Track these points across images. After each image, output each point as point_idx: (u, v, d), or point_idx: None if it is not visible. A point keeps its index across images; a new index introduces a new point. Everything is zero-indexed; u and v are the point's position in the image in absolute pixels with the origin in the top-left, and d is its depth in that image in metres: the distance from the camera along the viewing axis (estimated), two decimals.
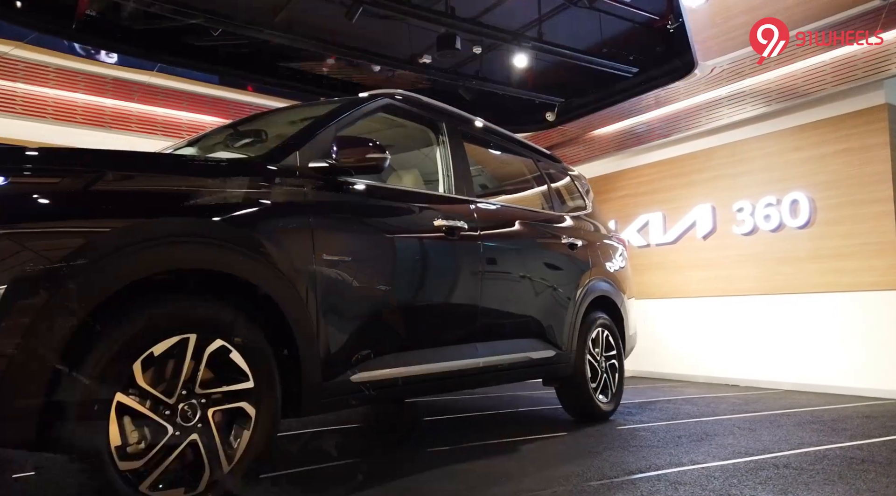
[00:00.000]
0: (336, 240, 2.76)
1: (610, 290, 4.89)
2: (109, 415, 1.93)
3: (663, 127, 8.60)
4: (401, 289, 3.09)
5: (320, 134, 2.95)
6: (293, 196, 2.65)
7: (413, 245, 3.19)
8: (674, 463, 3.21)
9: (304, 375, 2.54)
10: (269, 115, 4.01)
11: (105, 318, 1.96)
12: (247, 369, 2.32)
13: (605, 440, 3.88)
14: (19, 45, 7.04)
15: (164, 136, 8.35)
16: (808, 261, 7.04)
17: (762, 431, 4.18)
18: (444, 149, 3.76)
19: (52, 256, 1.83)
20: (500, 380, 3.87)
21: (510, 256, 3.86)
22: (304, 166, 2.77)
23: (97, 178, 2.04)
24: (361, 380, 2.80)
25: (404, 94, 3.68)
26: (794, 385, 6.95)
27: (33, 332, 1.78)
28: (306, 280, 2.57)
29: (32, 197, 1.91)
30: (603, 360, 4.70)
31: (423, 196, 3.48)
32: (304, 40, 6.87)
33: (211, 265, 2.24)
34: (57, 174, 1.99)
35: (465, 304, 3.48)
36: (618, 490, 2.68)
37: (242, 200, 2.45)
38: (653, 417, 4.85)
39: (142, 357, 2.03)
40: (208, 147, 3.78)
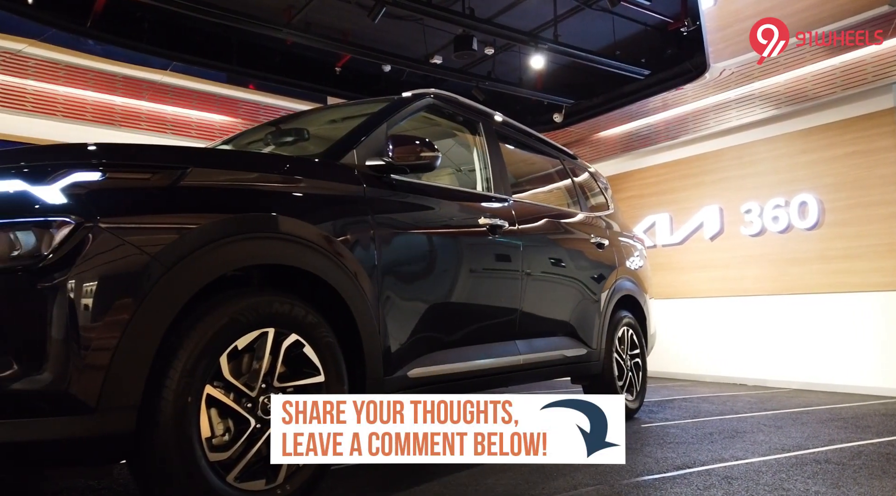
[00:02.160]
0: (394, 237, 2.79)
1: (634, 290, 4.95)
2: (200, 408, 1.95)
3: (671, 129, 8.69)
4: (451, 287, 3.12)
5: (374, 133, 2.97)
6: (355, 194, 2.67)
7: (461, 243, 3.23)
8: (716, 458, 3.26)
9: (367, 370, 2.56)
10: (309, 115, 4.03)
11: (192, 312, 1.98)
12: (318, 364, 2.34)
13: (638, 437, 3.93)
14: (33, 42, 7.01)
15: (173, 135, 8.34)
16: (817, 261, 7.14)
17: (789, 429, 4.24)
18: (481, 147, 3.80)
19: (149, 251, 1.85)
20: (537, 377, 3.91)
21: (546, 255, 3.90)
22: (361, 164, 2.80)
23: (182, 175, 2.06)
24: (417, 376, 2.83)
25: (444, 93, 3.71)
26: (802, 384, 7.04)
27: (134, 326, 1.79)
28: (369, 277, 2.59)
29: (128, 192, 1.93)
30: (628, 359, 4.75)
31: (466, 194, 3.51)
32: (320, 40, 6.87)
33: (291, 262, 2.27)
34: (147, 170, 2.00)
35: (508, 302, 3.52)
36: (673, 484, 2.73)
37: (314, 198, 2.48)
38: (676, 415, 4.91)
39: (227, 350, 2.05)
40: (243, 146, 3.80)
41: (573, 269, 4.17)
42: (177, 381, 1.89)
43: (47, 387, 1.68)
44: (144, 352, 1.82)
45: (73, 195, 1.79)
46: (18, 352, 1.68)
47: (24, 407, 1.68)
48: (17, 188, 1.78)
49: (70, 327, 1.71)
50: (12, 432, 1.66)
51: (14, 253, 1.71)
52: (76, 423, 1.71)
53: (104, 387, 1.73)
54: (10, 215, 1.74)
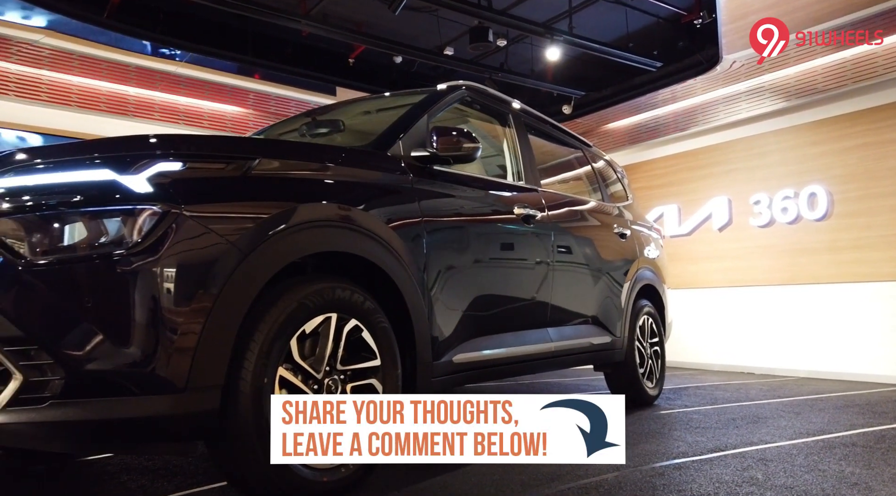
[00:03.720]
0: (439, 227, 2.86)
1: (654, 279, 5.03)
2: (274, 388, 2.02)
3: (680, 121, 8.76)
4: (491, 275, 3.20)
5: (417, 124, 3.04)
6: (404, 184, 2.74)
7: (499, 232, 3.31)
8: (746, 442, 3.35)
9: (418, 355, 2.64)
10: (342, 107, 4.07)
11: (262, 298, 2.04)
12: (375, 348, 2.41)
13: (663, 422, 4.02)
14: (51, 33, 7.03)
15: (186, 125, 8.36)
16: (826, 252, 7.24)
17: (808, 414, 4.34)
18: (511, 138, 3.86)
19: (229, 238, 1.92)
20: (565, 364, 3.99)
21: (574, 244, 3.98)
22: (406, 155, 2.86)
23: (253, 165, 2.12)
24: (460, 362, 2.91)
25: (476, 85, 3.77)
26: (810, 372, 7.15)
27: (217, 310, 1.86)
28: (419, 265, 2.67)
29: (206, 181, 1.99)
30: (648, 347, 4.84)
31: (501, 185, 3.58)
32: (337, 31, 6.91)
33: (352, 250, 2.34)
34: (221, 160, 2.07)
35: (541, 290, 3.59)
36: (712, 465, 2.81)
37: (369, 188, 2.55)
38: (694, 402, 5.00)
39: (296, 334, 2.12)
40: (277, 136, 3.85)
41: (599, 259, 4.25)
42: (254, 363, 1.96)
43: (140, 368, 1.75)
44: (227, 334, 1.89)
45: (158, 184, 1.86)
46: (113, 335, 1.74)
47: (120, 386, 1.74)
48: (105, 177, 1.84)
49: (160, 311, 1.77)
50: (110, 410, 1.73)
51: (104, 240, 1.78)
52: (167, 402, 1.78)
53: (192, 368, 1.80)
54: (101, 203, 1.80)
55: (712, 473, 2.67)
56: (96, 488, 2.43)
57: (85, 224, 1.78)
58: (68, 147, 2.21)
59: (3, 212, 1.78)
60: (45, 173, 1.87)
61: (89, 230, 1.78)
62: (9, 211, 1.78)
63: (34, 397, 1.69)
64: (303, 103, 9.22)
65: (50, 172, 1.87)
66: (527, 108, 4.22)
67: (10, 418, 1.68)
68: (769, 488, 2.44)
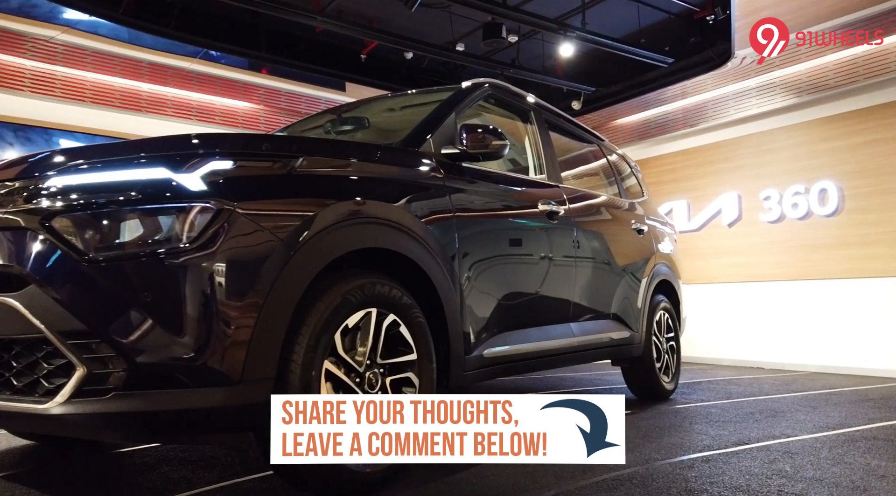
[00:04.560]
0: (469, 223, 2.90)
1: (669, 274, 5.07)
2: (321, 381, 2.07)
3: (689, 117, 8.80)
4: (518, 271, 3.25)
5: (446, 121, 3.08)
6: (437, 181, 2.78)
7: (525, 228, 3.35)
8: (768, 436, 3.40)
9: (451, 349, 2.68)
10: (365, 105, 4.11)
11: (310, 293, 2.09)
12: (412, 342, 2.45)
13: (683, 416, 4.07)
14: (67, 30, 7.06)
15: (198, 121, 8.41)
16: (836, 247, 7.28)
17: (825, 409, 4.39)
18: (533, 135, 3.90)
19: (279, 234, 1.96)
20: (586, 359, 4.03)
21: (595, 240, 4.02)
22: (437, 152, 2.90)
23: (297, 163, 2.16)
24: (490, 356, 2.95)
25: (498, 83, 3.80)
26: (819, 367, 7.20)
27: (269, 305, 1.90)
28: (451, 261, 2.71)
29: (256, 179, 2.04)
30: (664, 342, 4.88)
31: (526, 181, 3.62)
32: (351, 27, 6.95)
33: (391, 246, 2.38)
34: (269, 158, 2.11)
35: (564, 285, 3.64)
36: (739, 458, 2.86)
37: (405, 185, 2.59)
38: (709, 396, 5.05)
39: (340, 328, 2.17)
40: (300, 133, 3.89)
41: (618, 255, 4.29)
42: (302, 356, 2.01)
43: (197, 362, 1.79)
44: (278, 328, 1.93)
45: (211, 182, 1.90)
46: (171, 329, 1.78)
47: (178, 379, 1.79)
48: (160, 176, 1.87)
49: (216, 306, 1.82)
50: (169, 401, 1.77)
51: (161, 236, 1.82)
52: (222, 394, 1.82)
53: (246, 361, 1.85)
54: (157, 200, 1.84)
55: (740, 466, 2.72)
56: (140, 478, 2.48)
57: (143, 221, 1.82)
58: (120, 146, 2.25)
59: (63, 209, 1.82)
60: (102, 172, 1.91)
61: (147, 227, 1.82)
62: (69, 209, 1.82)
63: (97, 389, 1.74)
64: (313, 99, 9.26)
65: (106, 171, 1.91)
66: (546, 104, 4.26)
67: (74, 409, 1.73)
68: (799, 480, 2.49)
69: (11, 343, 1.83)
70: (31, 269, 1.78)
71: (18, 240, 1.83)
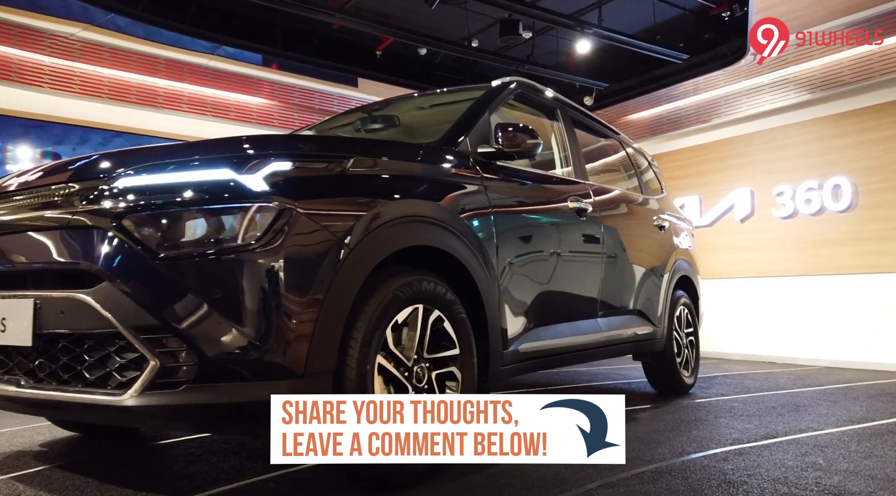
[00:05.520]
0: (506, 221, 2.96)
1: (689, 270, 5.12)
2: (374, 375, 2.13)
3: (701, 113, 8.83)
4: (551, 267, 3.29)
5: (480, 120, 3.12)
6: (475, 180, 2.83)
7: (556, 225, 3.40)
8: (795, 429, 3.45)
9: (490, 344, 2.74)
10: (393, 103, 4.15)
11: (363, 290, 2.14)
12: (454, 337, 2.51)
13: (706, 410, 4.12)
14: (86, 26, 7.11)
15: (213, 117, 8.45)
16: (849, 243, 7.33)
17: (845, 403, 4.45)
18: (559, 133, 3.95)
19: (336, 233, 2.02)
20: (611, 354, 4.09)
21: (621, 236, 4.07)
22: (473, 151, 2.95)
23: (348, 163, 2.22)
24: (525, 351, 3.01)
25: (526, 81, 3.85)
26: (832, 362, 7.25)
27: (329, 301, 1.96)
28: (490, 257, 2.76)
29: (313, 180, 2.10)
30: (684, 336, 4.94)
31: (556, 179, 3.67)
32: (368, 24, 6.99)
33: (437, 244, 2.44)
34: (323, 159, 2.17)
35: (592, 281, 3.69)
36: (771, 451, 2.92)
37: (446, 183, 2.64)
38: (728, 391, 5.10)
39: (391, 324, 2.22)
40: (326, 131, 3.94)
41: (642, 251, 4.35)
42: (358, 351, 2.06)
43: (263, 356, 1.85)
44: (337, 323, 1.99)
45: (273, 182, 1.95)
46: (238, 324, 1.83)
47: (244, 372, 1.85)
48: (224, 176, 1.93)
49: (281, 302, 1.87)
50: (238, 394, 1.83)
51: (226, 234, 1.87)
52: (287, 387, 1.88)
53: (309, 355, 1.91)
54: (223, 200, 1.90)
55: (774, 459, 2.77)
56: (192, 468, 2.54)
57: (209, 220, 1.87)
58: (180, 148, 2.31)
59: (134, 209, 1.88)
60: (167, 173, 1.96)
61: (213, 226, 1.87)
62: (140, 209, 1.88)
63: (169, 382, 1.80)
64: (326, 95, 9.31)
65: (171, 172, 1.96)
66: (569, 101, 4.30)
67: (147, 401, 1.79)
68: (834, 473, 2.54)
69: (84, 337, 1.89)
70: (103, 267, 1.84)
71: (88, 239, 1.89)
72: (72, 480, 2.35)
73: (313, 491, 2.30)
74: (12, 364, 2.04)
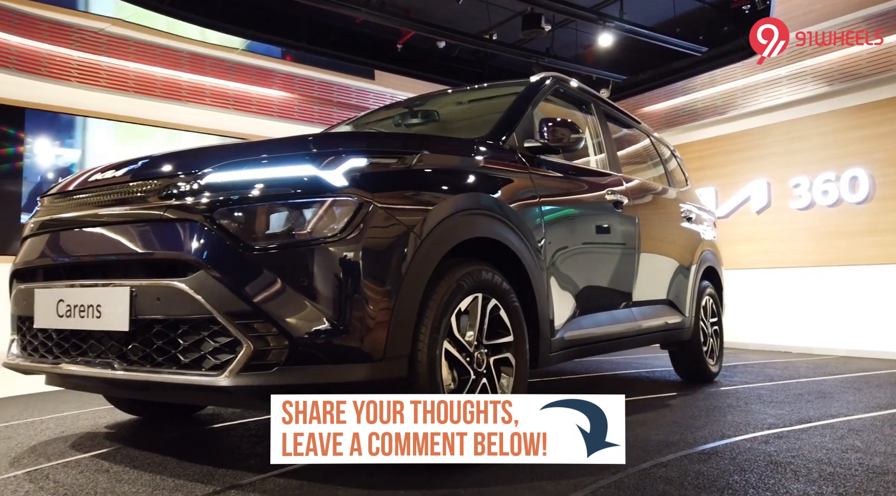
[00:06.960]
0: (553, 213, 3.06)
1: (714, 261, 5.22)
2: (442, 359, 2.24)
3: (718, 105, 8.90)
4: (591, 257, 3.41)
5: (525, 115, 3.22)
6: (524, 174, 2.93)
7: (596, 216, 3.50)
8: (826, 415, 3.56)
9: (540, 331, 2.85)
10: (431, 98, 4.24)
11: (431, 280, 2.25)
12: (509, 325, 2.62)
13: (735, 397, 4.23)
14: (116, 22, 7.21)
15: (235, 110, 8.56)
16: (866, 234, 7.42)
17: (869, 390, 4.55)
18: (594, 127, 4.04)
19: (409, 225, 2.13)
20: (644, 342, 4.19)
21: (654, 228, 4.16)
22: (520, 145, 3.05)
23: (416, 159, 2.33)
24: (569, 338, 3.12)
25: (562, 76, 3.94)
26: (848, 351, 7.34)
27: (404, 290, 2.08)
28: (539, 248, 2.87)
29: (387, 174, 2.21)
30: (709, 326, 5.04)
31: (594, 172, 3.77)
32: (389, 17, 7.08)
33: (495, 236, 2.55)
34: (394, 155, 2.27)
35: (628, 272, 3.80)
36: (809, 435, 3.02)
37: (500, 177, 2.75)
38: (751, 379, 5.21)
39: (455, 311, 2.33)
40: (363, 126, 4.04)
41: (673, 242, 4.45)
42: (428, 336, 2.17)
43: (347, 340, 1.98)
44: (411, 310, 2.11)
45: (352, 177, 2.07)
46: (324, 311, 1.95)
47: (329, 355, 1.97)
48: (306, 172, 2.05)
49: (363, 289, 1.99)
50: (324, 375, 1.96)
51: (308, 226, 1.99)
52: (367, 370, 2.00)
53: (388, 340, 2.03)
54: (307, 195, 2.01)
55: (812, 442, 2.88)
56: (259, 448, 2.65)
57: (294, 213, 1.99)
58: (260, 145, 2.40)
59: (226, 203, 2.00)
60: (252, 169, 2.08)
61: (298, 218, 1.99)
62: (231, 202, 2.00)
63: (262, 364, 1.91)
64: (344, 88, 9.41)
65: (256, 168, 2.08)
66: (601, 96, 4.39)
67: (241, 381, 1.91)
68: (874, 454, 2.65)
69: (178, 323, 2.00)
70: (197, 257, 1.95)
71: (183, 231, 2.00)
72: (151, 458, 2.47)
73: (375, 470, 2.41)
74: (104, 348, 2.15)
